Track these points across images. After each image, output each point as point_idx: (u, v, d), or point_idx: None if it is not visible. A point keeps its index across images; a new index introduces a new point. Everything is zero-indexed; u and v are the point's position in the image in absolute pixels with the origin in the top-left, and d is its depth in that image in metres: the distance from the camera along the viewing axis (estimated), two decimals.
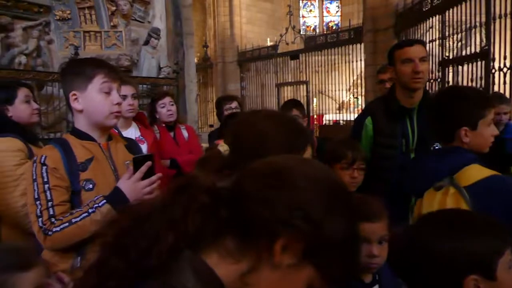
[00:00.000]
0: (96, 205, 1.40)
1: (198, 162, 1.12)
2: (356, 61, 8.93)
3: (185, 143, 3.14)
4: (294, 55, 10.49)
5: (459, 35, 5.36)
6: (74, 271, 1.42)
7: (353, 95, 11.58)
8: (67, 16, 5.29)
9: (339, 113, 11.15)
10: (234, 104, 3.33)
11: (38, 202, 1.39)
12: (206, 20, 13.27)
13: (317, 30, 15.13)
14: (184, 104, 6.31)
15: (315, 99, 10.65)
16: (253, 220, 0.61)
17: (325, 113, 10.77)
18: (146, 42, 5.65)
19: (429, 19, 5.95)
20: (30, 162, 1.49)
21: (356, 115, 2.85)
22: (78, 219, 1.38)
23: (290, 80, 11.01)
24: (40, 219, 1.38)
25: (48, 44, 5.32)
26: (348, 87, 11.10)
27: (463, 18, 5.02)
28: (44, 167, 1.42)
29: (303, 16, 15.76)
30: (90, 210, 1.40)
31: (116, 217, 0.68)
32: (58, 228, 1.36)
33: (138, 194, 1.42)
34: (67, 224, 1.37)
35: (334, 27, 13.98)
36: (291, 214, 0.60)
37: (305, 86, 10.30)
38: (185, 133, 3.22)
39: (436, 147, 1.78)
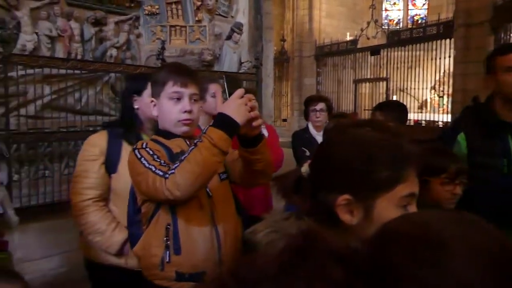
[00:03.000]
0: (202, 134, 1.34)
1: (273, 179, 1.03)
2: (444, 58, 8.32)
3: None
4: (374, 50, 10.05)
5: None
6: (164, 265, 1.44)
7: (438, 94, 10.83)
8: (155, 11, 5.49)
9: (421, 112, 10.52)
10: (320, 106, 3.19)
11: (149, 166, 1.36)
12: (284, 14, 13.16)
13: (401, 24, 14.37)
14: (261, 99, 6.29)
15: (394, 97, 10.13)
16: None
17: None
18: (229, 37, 5.69)
19: None
20: (130, 153, 1.47)
21: (440, 116, 2.53)
22: (187, 154, 1.32)
23: (368, 77, 10.58)
24: (157, 171, 1.34)
25: (137, 37, 5.57)
26: (432, 85, 10.43)
27: None
28: (147, 148, 1.42)
29: (386, 10, 15.04)
30: (196, 141, 1.34)
31: (222, 279, 0.54)
32: (172, 170, 1.31)
33: (242, 111, 1.31)
34: (178, 163, 1.32)
35: (420, 21, 13.16)
36: None
37: (384, 83, 9.86)
38: (265, 132, 3.16)
39: None
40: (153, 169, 1.35)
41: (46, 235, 3.52)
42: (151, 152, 1.41)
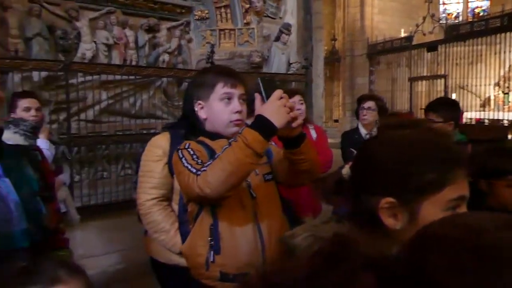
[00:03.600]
0: (238, 134, 1.33)
1: (314, 181, 1.00)
2: (509, 52, 7.78)
3: (313, 144, 3.03)
4: (431, 47, 9.58)
5: None
6: (209, 265, 1.44)
7: (503, 91, 10.12)
8: (205, 16, 5.60)
9: (483, 110, 9.88)
10: (368, 104, 3.09)
11: (187, 164, 1.38)
12: (335, 12, 12.94)
13: (460, 18, 13.61)
14: (310, 99, 6.21)
15: (454, 95, 9.60)
16: None
17: (466, 111, 9.64)
18: (277, 38, 5.68)
19: None
20: (174, 153, 1.50)
21: (505, 114, 2.32)
22: (220, 153, 1.32)
23: (425, 74, 10.12)
24: (192, 169, 1.35)
25: (188, 42, 5.72)
26: (496, 81, 9.77)
27: None
28: (189, 149, 1.45)
29: (443, 3, 14.30)
30: (230, 140, 1.33)
31: (252, 282, 0.52)
32: (205, 168, 1.32)
33: (281, 113, 1.27)
34: (211, 160, 1.33)
35: (481, 14, 12.39)
36: None
37: (442, 80, 9.37)
38: (314, 134, 3.10)
39: None
40: (189, 167, 1.37)
41: (105, 233, 3.68)
42: (191, 152, 1.43)
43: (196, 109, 2.04)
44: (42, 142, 2.58)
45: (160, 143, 1.99)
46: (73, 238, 2.99)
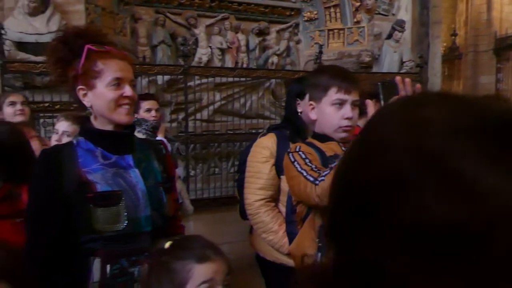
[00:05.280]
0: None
1: None
2: None
3: None
4: None
5: None
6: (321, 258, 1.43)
7: None
8: (314, 16, 5.62)
9: None
10: None
11: (301, 170, 1.39)
12: (456, 5, 11.89)
13: None
14: None
15: None
16: None
17: None
18: (389, 36, 5.43)
19: None
20: (285, 156, 1.52)
21: None
22: (338, 162, 1.31)
23: None
24: (308, 176, 1.36)
25: (296, 44, 5.80)
26: None
27: None
28: (300, 152, 1.45)
29: None
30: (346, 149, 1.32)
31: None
32: (323, 177, 1.32)
33: None
34: (328, 171, 1.32)
35: None
36: None
37: None
38: None
39: None
40: (304, 174, 1.37)
41: (215, 225, 3.92)
42: (303, 156, 1.43)
43: (299, 110, 2.06)
44: (160, 140, 2.85)
45: (267, 144, 2.03)
46: (187, 228, 3.26)
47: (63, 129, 2.18)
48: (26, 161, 1.64)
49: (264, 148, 2.03)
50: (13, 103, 2.75)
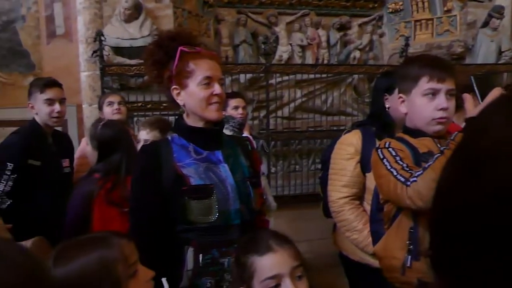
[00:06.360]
0: (449, 141, 1.23)
1: None
2: None
3: None
4: None
5: None
6: (405, 270, 1.37)
7: None
8: (399, 8, 5.35)
9: None
10: None
11: (391, 169, 1.33)
12: None
13: None
14: None
15: None
16: None
17: None
18: (485, 24, 4.98)
19: None
20: (373, 152, 1.47)
21: None
22: (432, 162, 1.23)
23: None
24: (398, 176, 1.30)
25: (379, 37, 5.57)
26: None
27: None
28: (390, 148, 1.39)
29: None
30: (442, 148, 1.25)
31: None
32: (415, 178, 1.26)
33: None
34: (421, 171, 1.26)
35: None
36: None
37: None
38: None
39: None
40: (394, 173, 1.31)
41: (295, 222, 3.93)
42: (393, 153, 1.37)
43: (387, 105, 1.97)
44: (246, 136, 2.92)
45: (351, 141, 1.98)
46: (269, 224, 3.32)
47: (143, 138, 2.29)
48: (131, 155, 1.81)
49: (349, 145, 1.99)
50: (111, 103, 2.96)
